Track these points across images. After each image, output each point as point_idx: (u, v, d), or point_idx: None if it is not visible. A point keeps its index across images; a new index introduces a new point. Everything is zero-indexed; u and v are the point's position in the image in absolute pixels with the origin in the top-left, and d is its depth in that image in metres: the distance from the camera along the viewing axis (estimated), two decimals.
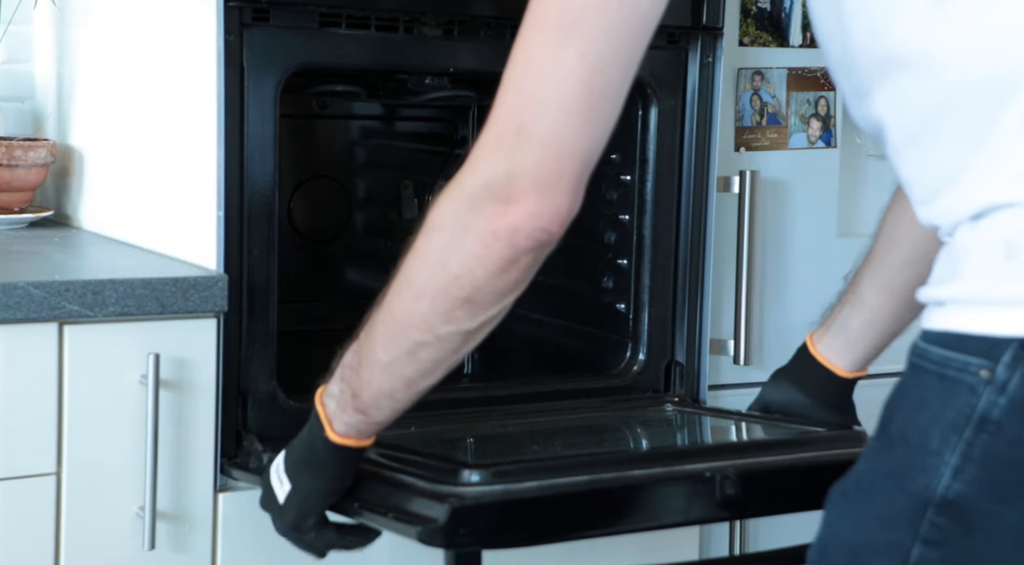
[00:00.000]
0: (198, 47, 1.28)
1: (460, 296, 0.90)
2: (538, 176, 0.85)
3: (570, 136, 0.85)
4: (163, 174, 1.40)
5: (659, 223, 1.46)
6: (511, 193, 0.86)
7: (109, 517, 1.21)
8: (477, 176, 0.87)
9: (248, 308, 1.26)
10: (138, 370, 1.20)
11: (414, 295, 0.92)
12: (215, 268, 1.25)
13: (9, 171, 1.53)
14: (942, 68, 0.82)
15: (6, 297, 1.15)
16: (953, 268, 0.82)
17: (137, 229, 1.45)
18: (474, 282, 0.89)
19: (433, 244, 0.90)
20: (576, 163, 0.86)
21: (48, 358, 1.18)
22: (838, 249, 1.63)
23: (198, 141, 1.29)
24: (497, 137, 0.86)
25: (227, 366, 1.25)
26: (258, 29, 1.23)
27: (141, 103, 1.45)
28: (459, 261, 0.89)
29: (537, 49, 0.85)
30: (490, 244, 0.87)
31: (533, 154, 0.85)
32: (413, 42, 1.32)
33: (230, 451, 1.26)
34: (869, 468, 0.83)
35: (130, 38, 1.47)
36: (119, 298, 1.19)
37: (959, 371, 0.79)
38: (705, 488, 1.00)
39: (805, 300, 1.62)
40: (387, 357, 0.96)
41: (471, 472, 1.02)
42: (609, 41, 0.85)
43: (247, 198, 1.25)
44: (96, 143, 1.58)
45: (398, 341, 0.95)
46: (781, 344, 1.60)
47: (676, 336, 1.48)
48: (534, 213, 0.86)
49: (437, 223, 0.90)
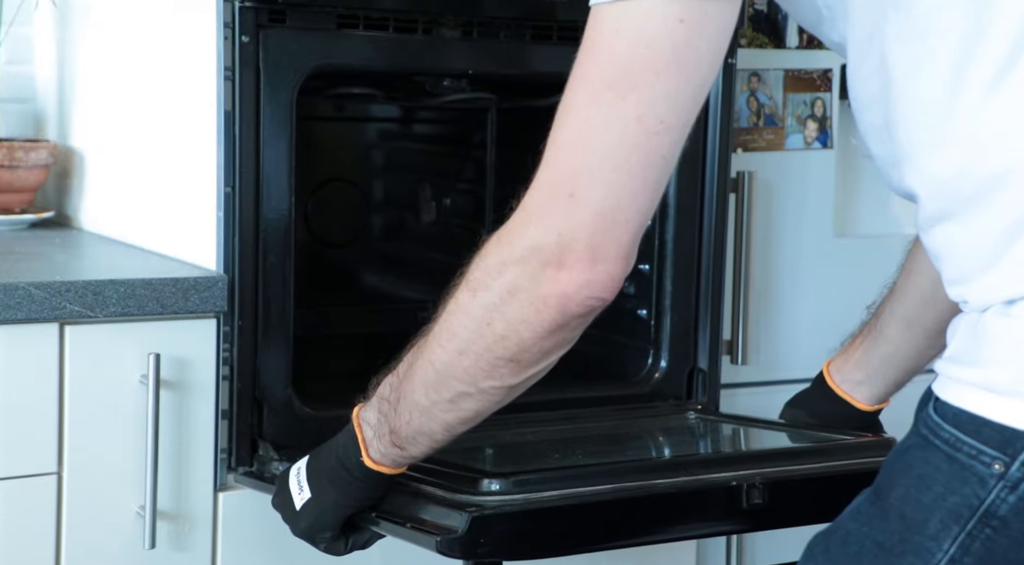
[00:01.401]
0: (198, 48, 1.30)
1: (505, 356, 0.90)
2: (592, 244, 0.83)
3: (625, 201, 0.83)
4: (163, 175, 1.42)
5: (681, 228, 1.47)
6: (563, 260, 0.84)
7: (110, 516, 1.24)
8: (527, 239, 0.85)
9: (264, 314, 1.28)
10: (139, 370, 1.23)
11: (457, 349, 0.91)
12: (215, 269, 1.28)
13: (10, 172, 1.55)
14: (991, 153, 0.80)
15: (7, 298, 1.17)
16: (978, 348, 0.81)
17: (137, 230, 1.47)
18: (521, 344, 0.89)
19: (478, 301, 0.89)
20: (631, 228, 0.84)
21: (49, 358, 1.21)
22: (834, 249, 1.66)
23: (198, 141, 1.31)
24: (549, 200, 0.84)
25: (242, 373, 1.27)
26: (274, 30, 1.25)
27: (141, 104, 1.47)
28: (505, 323, 0.88)
29: (591, 109, 0.82)
30: (540, 310, 0.86)
31: (586, 221, 0.83)
32: (431, 43, 1.33)
33: (245, 460, 1.27)
34: (859, 531, 0.83)
35: (131, 40, 1.50)
36: (120, 298, 1.22)
37: (970, 458, 0.79)
38: (731, 497, 1.00)
39: (802, 300, 1.65)
40: (427, 402, 0.96)
41: (491, 481, 1.03)
42: (668, 105, 0.82)
43: (263, 203, 1.26)
44: (97, 144, 1.60)
45: (439, 389, 0.94)
46: (777, 344, 1.63)
47: (698, 342, 1.49)
48: (587, 281, 0.84)
49: (483, 281, 0.88)
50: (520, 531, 1.01)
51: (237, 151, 1.26)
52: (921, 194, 0.85)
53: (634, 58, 0.81)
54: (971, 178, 0.81)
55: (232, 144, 1.26)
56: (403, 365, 0.99)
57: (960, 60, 0.80)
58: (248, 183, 1.26)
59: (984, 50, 0.80)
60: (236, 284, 1.27)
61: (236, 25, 1.23)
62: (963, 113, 0.81)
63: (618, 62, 0.81)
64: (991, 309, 0.81)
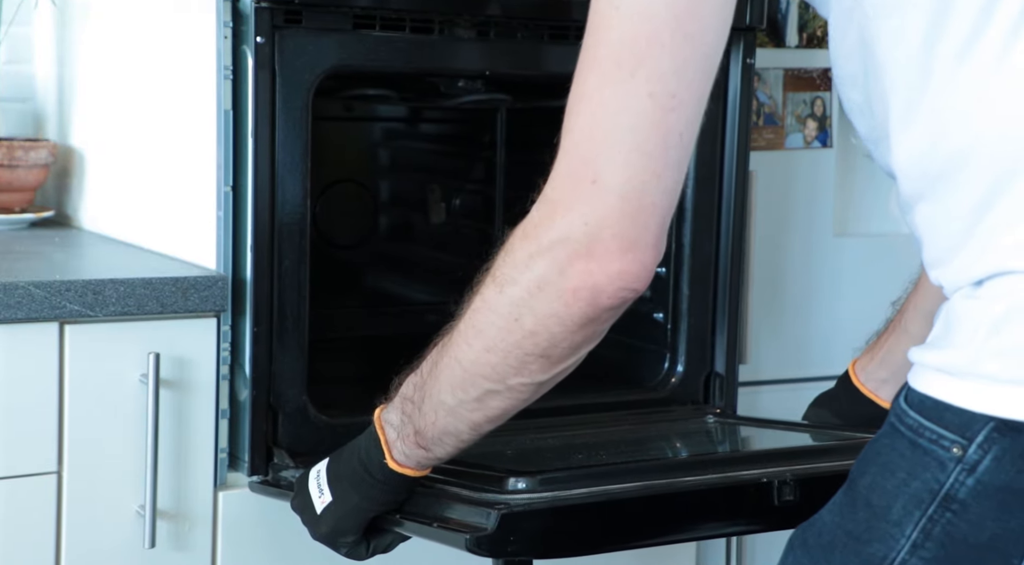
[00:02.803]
0: (198, 47, 1.33)
1: (535, 352, 0.90)
2: (620, 231, 0.83)
3: (649, 183, 0.83)
4: (163, 174, 1.45)
5: (698, 230, 1.49)
6: (592, 250, 0.84)
7: (110, 516, 1.27)
8: (554, 231, 0.85)
9: (279, 319, 1.30)
10: (138, 369, 1.25)
11: (484, 347, 0.92)
12: (215, 268, 1.30)
13: (10, 172, 1.58)
14: (954, 130, 0.82)
15: (7, 297, 1.20)
16: (947, 333, 0.84)
17: (137, 229, 1.50)
18: (551, 339, 0.89)
19: (505, 298, 0.89)
20: (658, 212, 0.85)
21: (49, 358, 1.24)
22: (834, 249, 1.69)
23: (199, 141, 1.34)
24: (571, 189, 0.84)
25: (256, 379, 1.29)
26: (290, 31, 1.27)
27: (141, 103, 1.50)
28: (535, 318, 0.88)
29: (603, 90, 0.83)
30: (570, 303, 0.86)
31: (613, 207, 0.83)
32: (448, 44, 1.35)
33: (260, 468, 1.30)
34: (832, 521, 0.85)
35: (131, 38, 1.53)
36: (119, 298, 1.25)
37: (931, 442, 0.81)
38: (762, 494, 1.03)
39: (802, 299, 1.68)
40: (453, 401, 0.97)
41: (517, 479, 1.06)
42: (679, 79, 0.82)
43: (278, 207, 1.29)
44: (96, 144, 1.63)
45: (465, 388, 0.95)
46: (778, 343, 1.66)
47: (715, 346, 1.51)
48: (618, 272, 0.85)
49: (510, 276, 0.89)
50: (549, 529, 1.04)
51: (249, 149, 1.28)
52: (898, 173, 0.87)
53: (638, 33, 0.82)
54: (937, 156, 0.83)
55: (233, 143, 1.28)
56: (427, 364, 1.00)
57: (929, 33, 0.82)
58: (263, 185, 1.28)
59: (950, 23, 0.82)
60: (249, 285, 1.29)
61: (252, 26, 1.26)
62: (932, 89, 0.83)
63: (623, 39, 0.82)
64: (960, 291, 0.83)
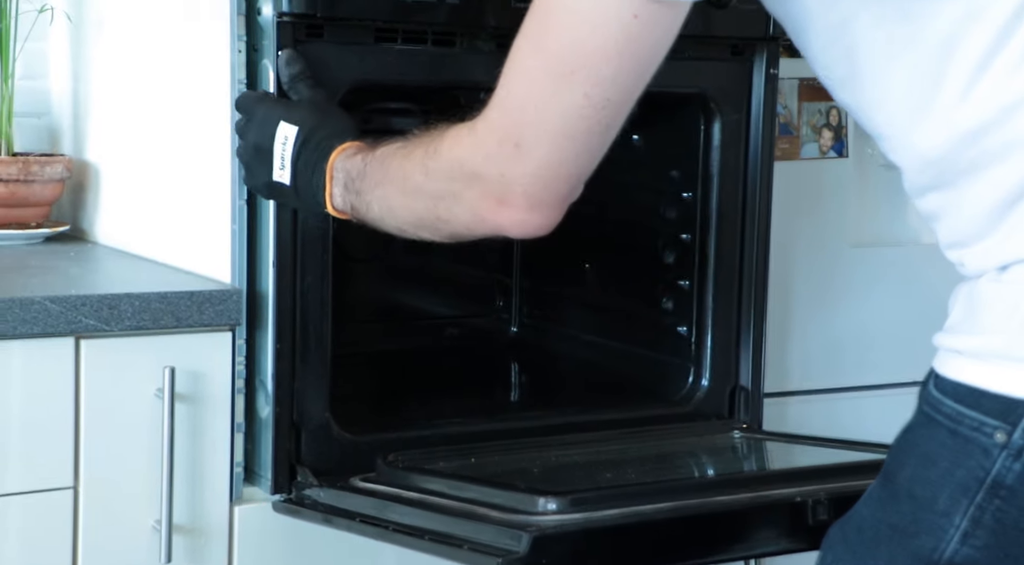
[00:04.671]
0: (213, 61, 1.36)
1: (443, 230, 1.07)
2: (530, 192, 0.97)
3: (567, 159, 0.96)
4: (178, 188, 1.49)
5: (723, 242, 1.52)
6: (503, 197, 0.98)
7: (126, 530, 1.30)
8: (477, 164, 0.99)
9: (301, 335, 1.33)
10: (154, 383, 1.29)
11: (404, 205, 1.09)
12: (229, 281, 1.34)
13: (26, 186, 1.62)
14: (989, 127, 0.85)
15: (23, 312, 1.24)
16: (973, 317, 0.86)
17: (152, 243, 1.54)
18: (456, 231, 1.06)
19: (429, 186, 1.05)
20: (569, 184, 0.98)
21: (65, 372, 1.27)
22: (850, 259, 1.72)
23: (213, 155, 1.38)
24: (496, 143, 0.97)
25: (279, 397, 1.33)
26: (312, 45, 1.30)
27: (156, 118, 1.54)
28: (448, 213, 1.04)
29: (541, 74, 0.94)
30: (478, 223, 1.02)
31: (528, 171, 0.96)
32: (469, 57, 1.38)
33: (283, 486, 1.33)
34: (872, 516, 0.87)
35: (145, 53, 1.56)
36: (135, 312, 1.28)
37: (973, 430, 0.83)
38: (796, 514, 1.05)
39: (817, 310, 1.71)
40: (378, 209, 1.13)
41: (548, 500, 1.08)
42: (615, 85, 0.93)
43: (300, 221, 1.32)
44: (111, 158, 1.67)
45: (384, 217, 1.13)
46: (792, 354, 1.68)
47: (740, 360, 1.54)
48: (521, 220, 0.99)
49: (437, 170, 1.04)
50: (581, 551, 1.06)
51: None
52: (906, 168, 0.91)
53: (588, 42, 0.91)
54: (965, 153, 0.86)
55: None
56: (374, 165, 1.14)
57: (950, 41, 0.86)
58: None
59: (977, 30, 0.85)
60: (270, 299, 1.32)
61: (274, 39, 1.29)
62: (951, 92, 0.86)
63: (572, 41, 0.91)
64: (985, 275, 0.86)
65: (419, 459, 1.32)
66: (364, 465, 1.33)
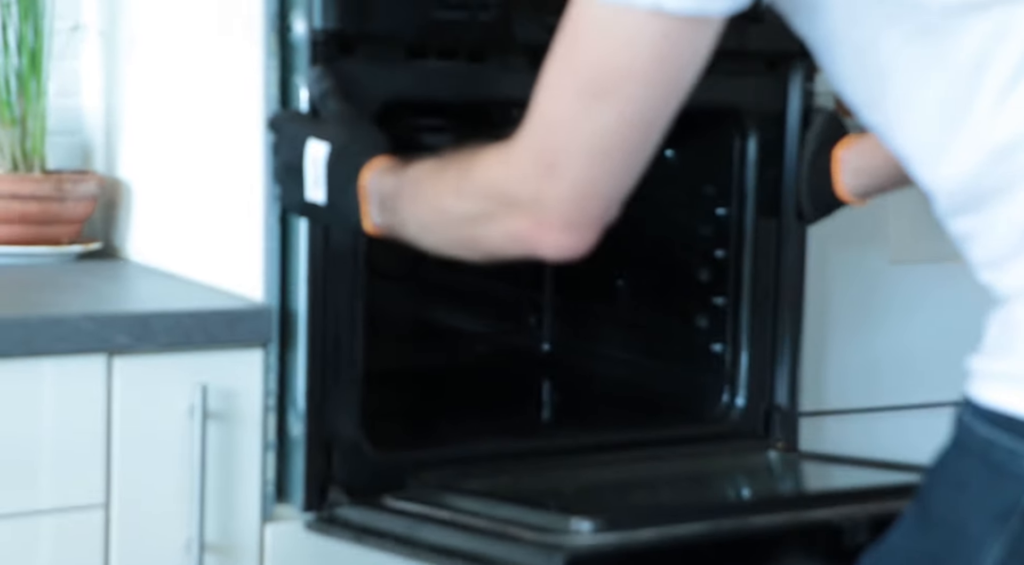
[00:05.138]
0: (246, 78, 1.37)
1: (478, 250, 1.06)
2: (565, 214, 0.96)
3: (602, 179, 0.95)
4: (210, 205, 1.50)
5: (759, 259, 1.51)
6: (538, 219, 0.97)
7: (158, 549, 1.31)
8: (510, 186, 0.98)
9: (333, 353, 1.34)
10: (186, 401, 1.29)
11: (438, 226, 1.08)
12: (261, 298, 1.35)
13: (58, 204, 1.63)
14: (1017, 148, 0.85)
15: (57, 330, 1.25)
16: (1006, 340, 0.85)
17: (184, 260, 1.55)
18: (491, 252, 1.05)
19: (462, 207, 1.04)
20: (604, 204, 0.97)
21: (97, 390, 1.28)
22: (890, 277, 1.71)
23: (245, 172, 1.38)
24: (530, 164, 0.96)
25: (311, 414, 1.33)
26: (345, 63, 1.31)
27: (188, 135, 1.55)
28: (482, 234, 1.03)
29: (573, 96, 0.93)
30: (512, 244, 1.01)
31: (563, 192, 0.95)
32: (501, 73, 1.39)
33: (315, 505, 1.33)
34: (906, 545, 0.87)
35: (177, 70, 1.58)
36: (167, 330, 1.29)
37: (1005, 456, 0.82)
38: (835, 537, 1.05)
39: (857, 329, 1.69)
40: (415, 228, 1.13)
41: (581, 520, 1.08)
42: (650, 105, 0.92)
43: (332, 238, 1.33)
44: (143, 175, 1.68)
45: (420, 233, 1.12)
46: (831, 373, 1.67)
47: (776, 378, 1.53)
48: (556, 242, 0.98)
49: (470, 193, 1.03)
50: None
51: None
52: (937, 190, 0.90)
53: (618, 61, 0.91)
54: (996, 169, 0.86)
55: None
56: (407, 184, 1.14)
57: (980, 58, 0.85)
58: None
59: (1007, 46, 0.85)
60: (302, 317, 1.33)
61: (305, 57, 1.30)
62: (982, 109, 0.86)
63: (602, 61, 0.91)
64: (1019, 297, 0.85)
65: (451, 478, 1.32)
66: (396, 483, 1.33)
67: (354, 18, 1.30)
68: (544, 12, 1.39)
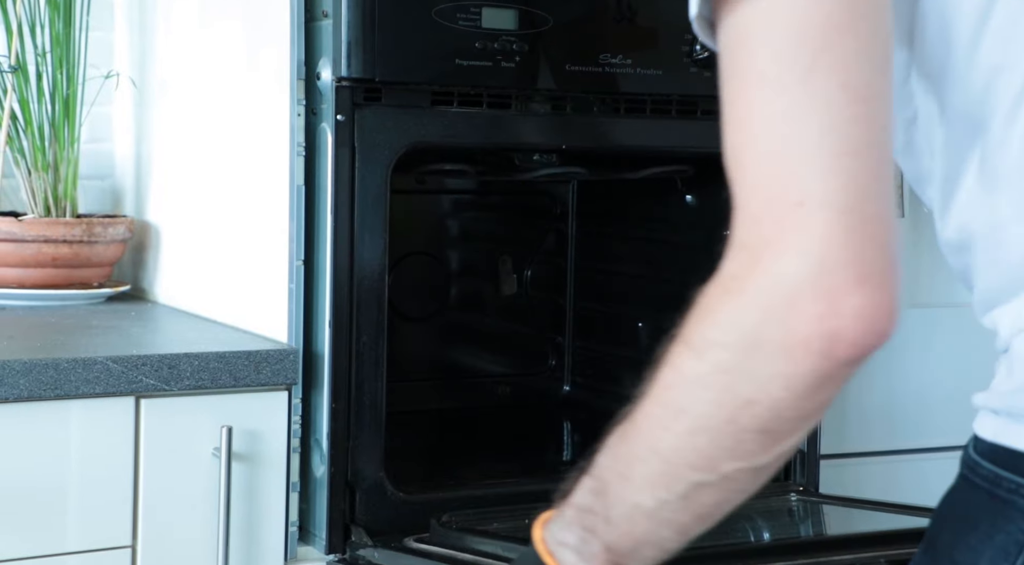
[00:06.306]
0: (272, 125, 1.41)
1: (753, 427, 0.77)
2: (850, 255, 0.73)
3: (869, 186, 0.73)
4: (236, 249, 1.53)
5: None
6: (819, 286, 0.72)
7: None
8: (764, 276, 0.74)
9: (356, 395, 1.36)
10: (211, 442, 1.32)
11: (688, 428, 0.79)
12: (286, 341, 1.37)
13: (89, 247, 1.66)
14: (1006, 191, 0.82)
15: (86, 372, 1.27)
16: (1010, 376, 0.84)
17: (211, 303, 1.58)
18: (773, 408, 0.76)
19: (709, 364, 0.77)
20: (886, 226, 0.74)
21: (125, 431, 1.31)
22: (908, 319, 1.71)
23: (271, 216, 1.42)
24: (774, 222, 0.74)
25: (334, 456, 1.36)
26: (370, 109, 1.34)
27: (216, 180, 1.59)
28: (753, 384, 0.76)
29: (778, 100, 0.74)
30: (799, 359, 0.74)
31: (834, 223, 0.72)
32: (523, 119, 1.42)
33: (338, 547, 1.35)
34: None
35: (206, 116, 1.62)
36: (194, 372, 1.32)
37: (1011, 493, 0.81)
38: None
39: (876, 371, 1.71)
40: (653, 503, 0.82)
41: None
42: (870, 64, 0.74)
43: (356, 281, 1.35)
44: (172, 219, 1.72)
45: (668, 484, 0.81)
46: (849, 414, 1.67)
47: None
48: (857, 309, 0.73)
49: (713, 338, 0.77)
50: None
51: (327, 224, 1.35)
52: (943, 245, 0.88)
53: (810, 18, 0.74)
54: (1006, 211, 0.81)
55: (306, 218, 1.36)
56: (605, 463, 0.85)
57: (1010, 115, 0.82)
58: (342, 260, 1.35)
59: None
60: (327, 359, 1.35)
61: (332, 103, 1.34)
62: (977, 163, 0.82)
63: (790, 30, 0.74)
64: (1020, 335, 0.84)
65: (473, 520, 1.34)
66: (418, 525, 1.35)
67: (380, 66, 1.33)
68: (565, 61, 1.42)
